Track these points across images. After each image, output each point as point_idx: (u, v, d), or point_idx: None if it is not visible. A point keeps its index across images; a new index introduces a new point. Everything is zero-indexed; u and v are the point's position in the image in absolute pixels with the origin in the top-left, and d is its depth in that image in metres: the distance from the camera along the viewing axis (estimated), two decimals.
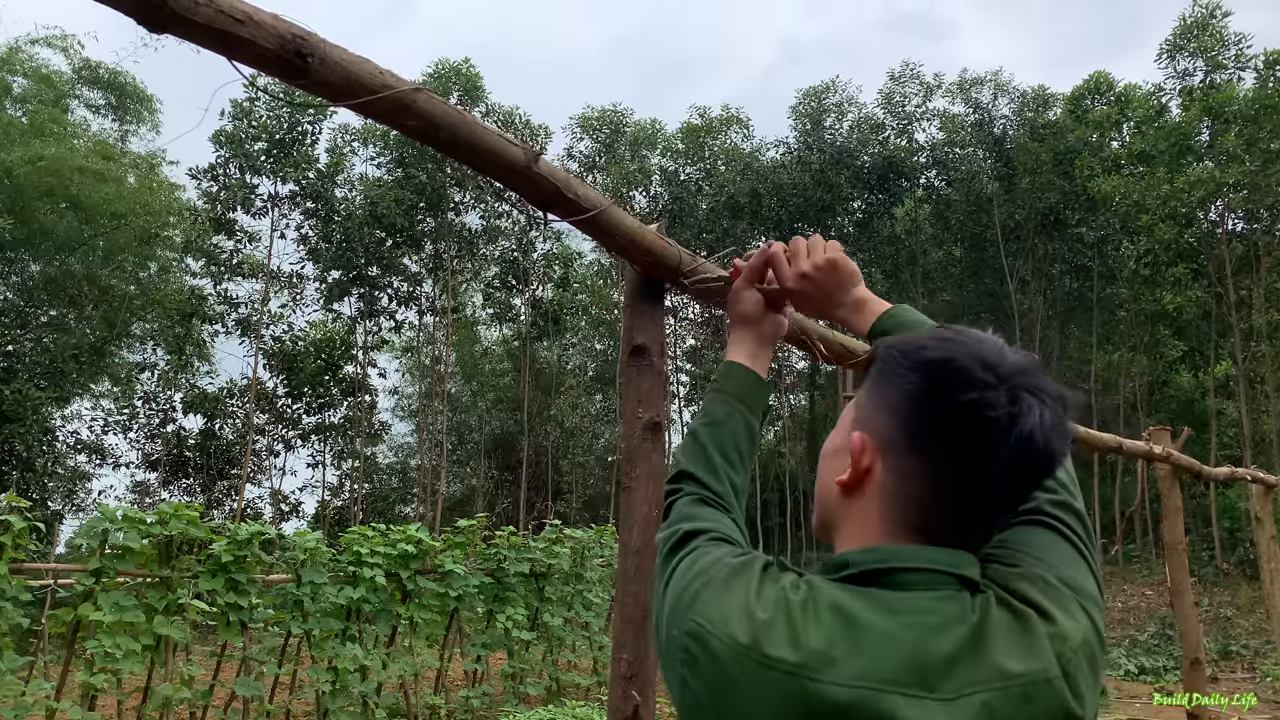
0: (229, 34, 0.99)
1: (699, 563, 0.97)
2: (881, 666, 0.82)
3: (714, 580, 0.92)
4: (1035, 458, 0.88)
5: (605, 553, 10.97)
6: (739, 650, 0.85)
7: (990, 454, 0.87)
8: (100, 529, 6.32)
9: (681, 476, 1.16)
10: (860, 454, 0.94)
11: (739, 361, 1.34)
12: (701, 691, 0.86)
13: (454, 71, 27.26)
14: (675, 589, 0.96)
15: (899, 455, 0.92)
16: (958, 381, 0.88)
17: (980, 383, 0.87)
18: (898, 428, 0.92)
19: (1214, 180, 21.58)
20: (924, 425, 0.90)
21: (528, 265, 30.45)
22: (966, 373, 0.88)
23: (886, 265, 31.14)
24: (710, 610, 0.89)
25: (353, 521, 25.42)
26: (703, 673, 0.86)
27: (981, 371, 0.88)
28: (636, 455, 1.84)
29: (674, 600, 0.94)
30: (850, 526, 0.95)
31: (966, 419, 0.87)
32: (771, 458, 34.03)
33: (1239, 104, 21.81)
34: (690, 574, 0.95)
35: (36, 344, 22.85)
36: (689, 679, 0.87)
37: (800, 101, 30.94)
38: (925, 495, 0.90)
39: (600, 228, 1.57)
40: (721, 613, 0.88)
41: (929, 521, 0.91)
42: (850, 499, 0.96)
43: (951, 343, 0.92)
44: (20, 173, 19.52)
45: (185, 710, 7.21)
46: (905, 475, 0.91)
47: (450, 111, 1.24)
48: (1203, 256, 23.79)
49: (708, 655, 0.86)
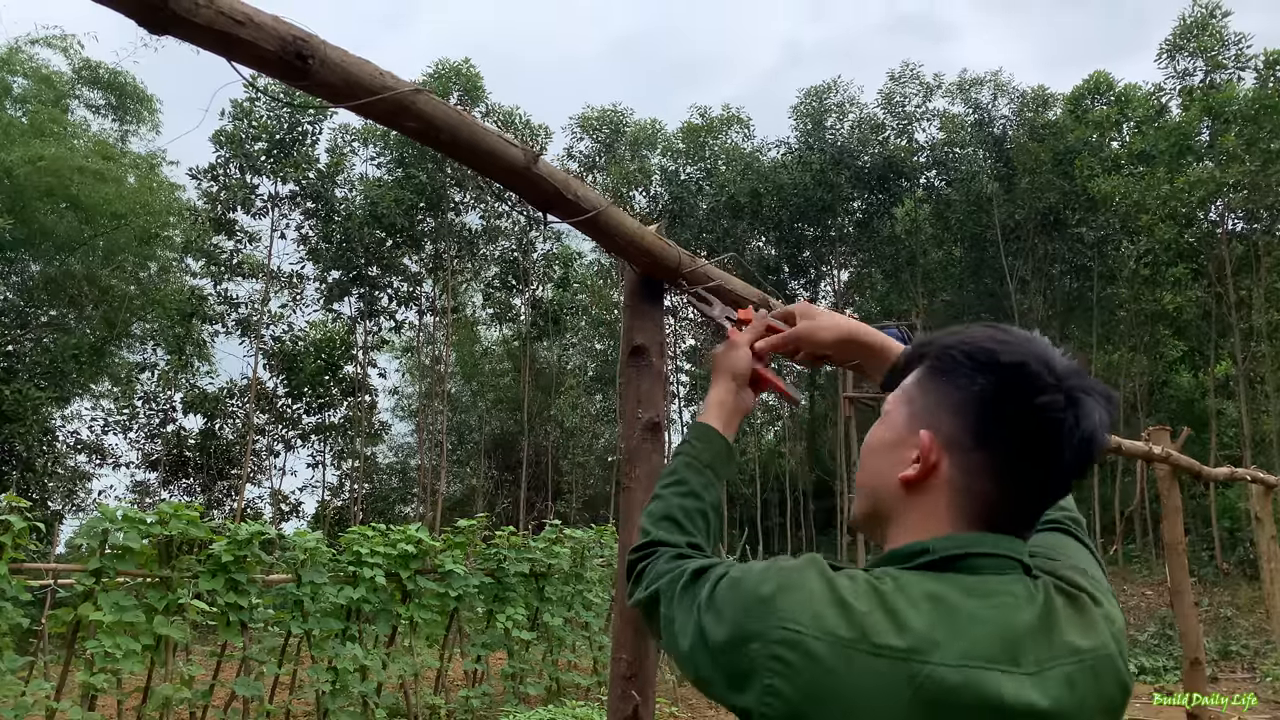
0: (229, 35, 0.99)
1: (747, 580, 0.95)
2: (979, 646, 0.86)
3: (784, 586, 0.92)
4: (1092, 454, 0.95)
5: (605, 553, 10.97)
6: (844, 644, 0.86)
7: (1056, 453, 0.93)
8: (100, 529, 6.32)
9: (654, 544, 1.16)
10: (929, 451, 0.97)
11: (715, 428, 1.31)
12: (800, 697, 0.86)
13: (454, 72, 27.26)
14: (731, 611, 0.94)
15: (965, 453, 0.96)
16: (1030, 386, 0.93)
17: (1049, 386, 0.93)
18: (963, 427, 0.96)
19: (1214, 180, 21.58)
20: (992, 426, 0.95)
21: (528, 265, 30.45)
22: (1037, 377, 0.93)
23: (886, 265, 31.14)
24: (798, 612, 0.88)
25: (353, 521, 25.42)
26: (800, 676, 0.86)
27: (1048, 376, 0.93)
28: (636, 455, 1.84)
29: (736, 620, 0.93)
30: (912, 519, 0.98)
31: (1036, 421, 0.93)
32: (771, 458, 34.03)
33: (1239, 104, 21.81)
34: (744, 591, 0.94)
35: (36, 344, 22.86)
36: (783, 687, 0.86)
37: (801, 101, 30.95)
38: (991, 490, 0.95)
39: (600, 228, 1.57)
40: (813, 612, 0.88)
41: (993, 514, 0.96)
42: (913, 494, 0.99)
43: (1012, 345, 0.96)
44: (20, 173, 19.52)
45: (185, 710, 7.20)
46: (972, 471, 0.95)
47: (450, 112, 1.24)
48: (1203, 256, 23.79)
49: (806, 657, 0.86)
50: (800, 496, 32.63)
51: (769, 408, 37.07)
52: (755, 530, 28.91)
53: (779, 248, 31.95)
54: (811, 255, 33.09)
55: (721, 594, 0.96)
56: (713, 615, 0.96)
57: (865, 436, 1.08)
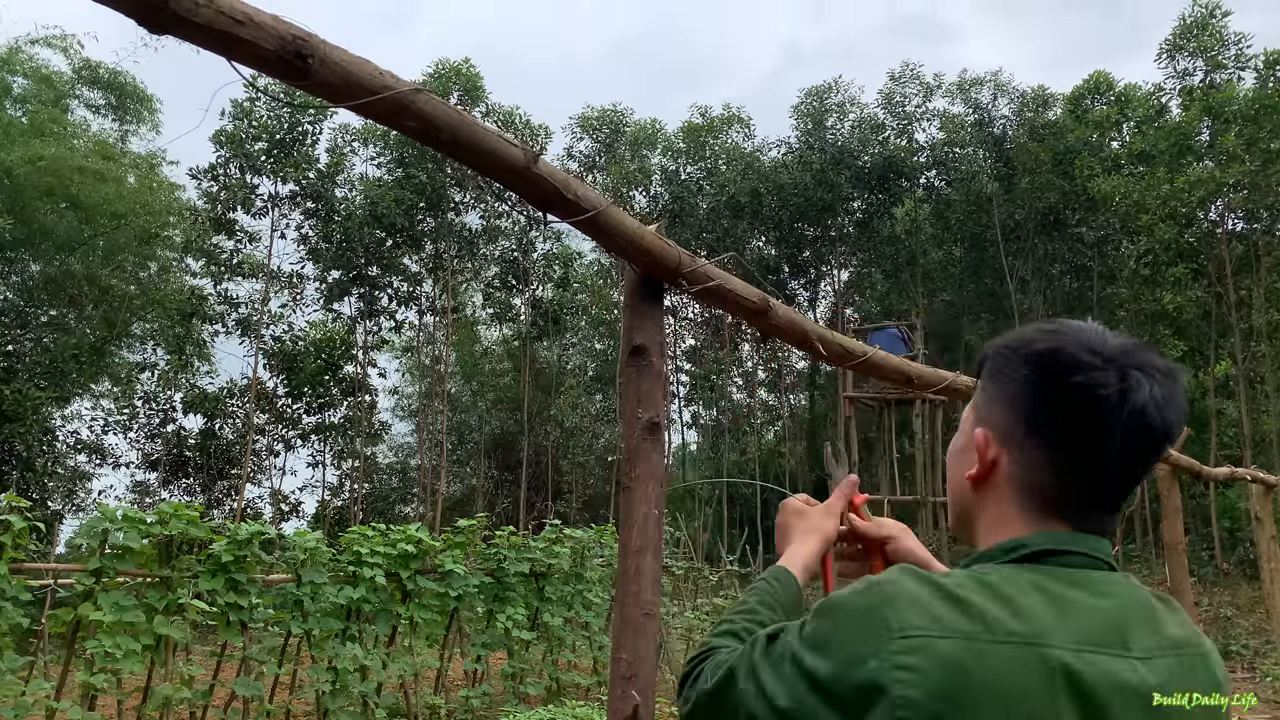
0: (229, 35, 0.99)
1: (845, 605, 0.94)
2: (1091, 632, 0.89)
3: (888, 598, 0.91)
4: (1149, 432, 0.94)
5: (605, 553, 10.97)
6: (968, 637, 0.87)
7: (1106, 433, 0.93)
8: (100, 529, 6.32)
9: (710, 648, 1.14)
10: (985, 448, 1.01)
11: (796, 576, 1.34)
12: (935, 699, 0.85)
13: (454, 72, 27.26)
14: (837, 639, 0.92)
15: (1019, 445, 0.99)
16: (1066, 365, 0.95)
17: (1087, 365, 0.94)
18: (1015, 418, 0.99)
19: (1214, 180, 21.58)
20: (1039, 411, 0.97)
21: (528, 265, 30.44)
22: (1073, 357, 0.95)
23: (886, 265, 31.14)
24: (913, 618, 0.88)
25: (353, 521, 25.42)
26: (931, 679, 0.85)
27: (1088, 355, 0.95)
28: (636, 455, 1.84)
29: (845, 644, 0.91)
30: (988, 516, 1.02)
31: (1079, 401, 0.94)
32: (771, 458, 34.03)
33: (1239, 104, 21.81)
34: (846, 616, 0.93)
35: (36, 344, 22.86)
36: (915, 696, 0.85)
37: (802, 101, 30.95)
38: (1050, 481, 0.97)
39: (600, 228, 1.57)
40: (930, 615, 0.88)
41: (1058, 505, 0.98)
42: (981, 492, 1.03)
43: (1055, 333, 0.99)
44: (20, 173, 19.52)
45: (185, 710, 7.20)
46: (1028, 464, 0.98)
47: (450, 112, 1.24)
48: (1203, 256, 23.79)
49: (935, 658, 0.86)
50: None
51: (768, 408, 37.08)
52: (755, 530, 28.91)
53: (779, 248, 31.96)
54: (811, 255, 33.10)
55: (819, 629, 0.94)
56: (814, 653, 0.93)
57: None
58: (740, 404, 33.50)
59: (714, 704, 1.03)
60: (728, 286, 1.88)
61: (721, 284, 1.85)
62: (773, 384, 35.83)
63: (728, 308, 1.96)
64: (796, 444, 33.59)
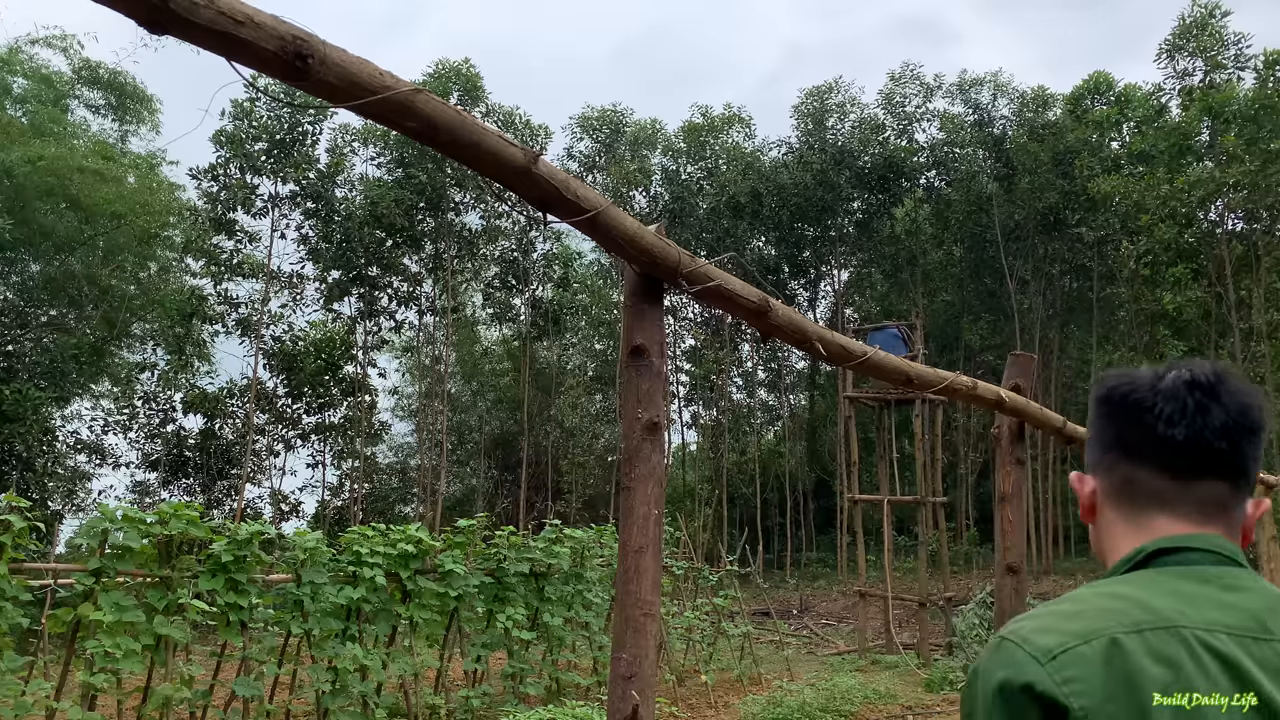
0: (230, 36, 0.99)
1: (982, 658, 1.03)
2: (1226, 617, 0.96)
3: (1015, 631, 0.99)
4: (1215, 425, 1.04)
5: (605, 553, 10.96)
6: (1105, 633, 0.94)
7: (1162, 437, 1.05)
8: (100, 529, 6.31)
9: None
10: (1079, 484, 1.15)
11: None
12: (1103, 697, 0.92)
13: (454, 72, 27.27)
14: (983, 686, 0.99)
15: (1106, 475, 1.12)
16: (1123, 393, 1.10)
17: (1141, 389, 1.09)
18: (1098, 449, 1.13)
19: (1214, 180, 21.58)
20: (1110, 440, 1.11)
21: (528, 265, 30.44)
22: (1129, 385, 1.10)
23: (886, 265, 31.14)
24: (1048, 638, 0.96)
25: (353, 521, 25.42)
26: (1093, 681, 0.93)
27: (1144, 386, 1.09)
28: (636, 455, 1.84)
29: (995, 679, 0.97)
30: (1104, 540, 1.14)
31: (1137, 421, 1.07)
32: (771, 458, 34.02)
33: (1239, 104, 21.81)
34: (984, 661, 1.01)
35: (36, 344, 22.86)
36: (1087, 704, 0.91)
37: (802, 101, 30.95)
38: (1131, 490, 1.09)
39: (600, 228, 1.57)
40: (1062, 631, 0.96)
41: (1146, 514, 1.08)
42: (1095, 523, 1.15)
43: (1120, 374, 1.14)
44: (20, 173, 19.52)
45: (185, 710, 7.20)
46: (1113, 490, 1.11)
47: (450, 113, 1.24)
48: (1203, 256, 23.79)
49: (1086, 661, 0.94)
50: (800, 497, 32.62)
51: (768, 408, 37.08)
52: (755, 530, 28.90)
53: (779, 247, 31.95)
54: (811, 255, 33.10)
55: (973, 685, 1.00)
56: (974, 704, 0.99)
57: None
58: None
59: None
60: (728, 286, 1.88)
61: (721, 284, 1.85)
62: (773, 384, 35.84)
63: (728, 308, 1.96)
64: (796, 444, 33.59)
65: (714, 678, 11.35)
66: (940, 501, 16.62)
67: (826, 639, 18.27)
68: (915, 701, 10.87)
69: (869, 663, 14.01)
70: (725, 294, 1.90)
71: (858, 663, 13.96)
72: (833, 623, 20.64)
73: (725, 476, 31.20)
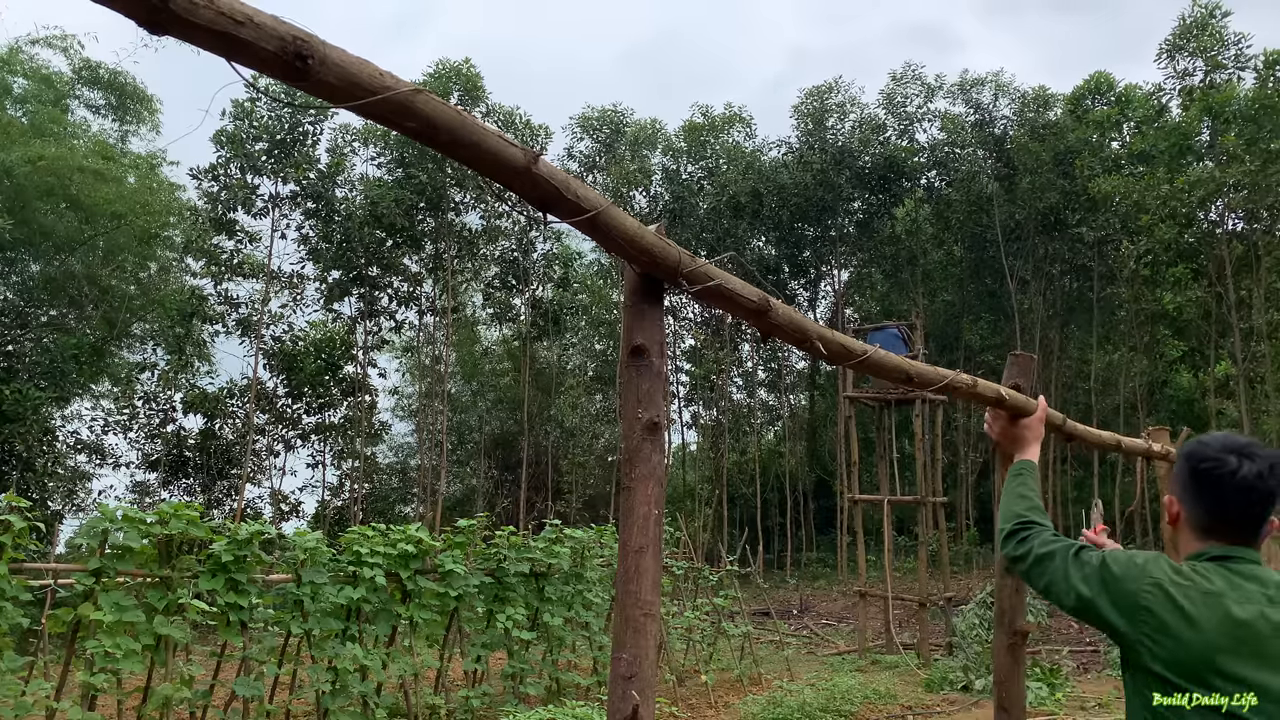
0: (230, 36, 0.99)
1: (1129, 558, 1.86)
2: (1253, 596, 1.74)
3: (1149, 559, 1.84)
4: (1254, 492, 1.79)
5: (605, 553, 10.96)
6: (1183, 586, 1.77)
7: (1223, 494, 1.81)
8: (100, 529, 6.31)
9: (1030, 522, 2.13)
10: (1172, 506, 1.91)
11: (1034, 462, 2.47)
12: (1164, 612, 1.75)
13: (454, 72, 27.26)
14: (1123, 570, 1.83)
15: (1188, 506, 1.87)
16: (1202, 456, 1.84)
17: (1215, 453, 1.82)
18: (1180, 489, 1.89)
19: (1214, 180, 21.57)
20: (1190, 487, 1.86)
21: (528, 265, 30.44)
22: (1207, 448, 1.84)
23: (886, 265, 31.13)
24: (1158, 573, 1.80)
25: (353, 521, 25.42)
26: (1161, 602, 1.76)
27: (1217, 449, 1.82)
28: (636, 455, 1.84)
29: (1128, 575, 1.82)
30: (1181, 541, 1.90)
31: (1209, 475, 1.82)
32: (771, 458, 34.01)
33: (1239, 104, 21.79)
34: (1130, 563, 1.84)
35: (36, 344, 22.84)
36: (1153, 605, 1.76)
37: (802, 101, 30.92)
38: (1203, 521, 1.85)
39: (600, 228, 1.57)
40: (1165, 574, 1.79)
41: (1210, 535, 1.84)
42: (1177, 529, 1.91)
43: (1199, 439, 1.89)
44: (20, 173, 19.51)
45: (185, 710, 7.20)
46: (1193, 520, 1.87)
47: (450, 113, 1.24)
48: (1203, 256, 23.78)
49: (1165, 593, 1.76)
50: (800, 497, 32.61)
51: (768, 408, 37.07)
52: (755, 530, 28.90)
53: (779, 248, 31.93)
54: (812, 255, 33.08)
55: (1115, 561, 1.85)
56: (1111, 570, 1.84)
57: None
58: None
59: (1038, 564, 2.00)
60: (728, 286, 1.88)
61: (721, 283, 1.85)
62: (773, 384, 35.84)
63: (728, 307, 1.96)
64: (796, 444, 33.58)
65: (714, 678, 11.35)
66: (940, 501, 16.63)
67: (826, 639, 18.27)
68: (915, 701, 10.87)
69: (869, 663, 14.01)
70: (725, 294, 1.90)
71: (858, 663, 13.96)
72: (833, 623, 20.64)
73: (725, 476, 31.20)
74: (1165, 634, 1.73)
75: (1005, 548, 2.12)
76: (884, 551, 16.19)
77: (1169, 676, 1.73)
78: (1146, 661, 1.76)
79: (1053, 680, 11.33)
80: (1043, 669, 11.72)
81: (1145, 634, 1.75)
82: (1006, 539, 2.12)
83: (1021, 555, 2.04)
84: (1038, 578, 1.98)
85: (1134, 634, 1.77)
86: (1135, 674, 1.80)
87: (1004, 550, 2.13)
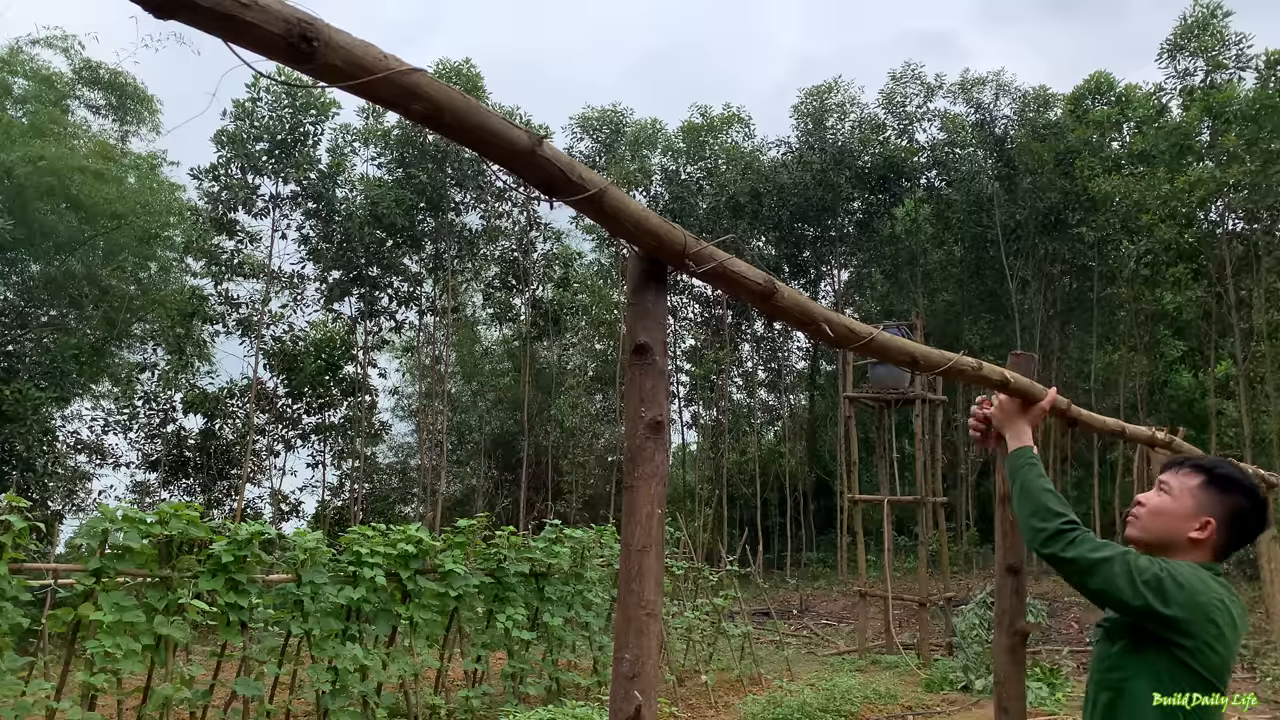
0: (235, 18, 0.99)
1: (1184, 570, 2.04)
2: (1235, 598, 2.05)
3: (1188, 568, 2.05)
4: (1260, 529, 2.17)
5: (605, 553, 10.95)
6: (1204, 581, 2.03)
7: (1252, 530, 2.17)
8: (100, 529, 6.30)
9: (1075, 522, 2.17)
10: (1208, 527, 2.12)
11: (1034, 449, 2.50)
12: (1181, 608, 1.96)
13: (454, 71, 27.28)
14: (1185, 579, 2.00)
15: (1219, 530, 2.12)
16: (1250, 504, 2.15)
17: (1250, 499, 2.15)
18: (1228, 519, 2.13)
19: (1214, 180, 21.56)
20: (1239, 523, 2.15)
21: (528, 265, 30.44)
22: (1252, 496, 2.15)
23: (886, 265, 31.12)
24: (1190, 577, 2.01)
25: (353, 521, 25.40)
26: (1182, 597, 1.96)
27: (1258, 519, 2.16)
28: (639, 454, 1.83)
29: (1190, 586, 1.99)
30: (1192, 554, 2.12)
31: (1250, 519, 2.15)
32: (771, 458, 34.00)
33: (1239, 104, 21.78)
34: (1187, 574, 2.02)
35: (36, 344, 22.82)
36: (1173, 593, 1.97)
37: (802, 101, 30.91)
38: (1225, 544, 2.15)
39: (605, 210, 1.56)
40: (1198, 578, 2.03)
41: (1222, 553, 2.14)
42: (1194, 543, 2.13)
43: (1244, 484, 2.17)
44: (20, 173, 19.49)
45: (185, 710, 7.19)
46: (1220, 541, 2.14)
47: (454, 95, 1.23)
48: (1203, 256, 23.77)
49: (1189, 587, 1.98)
50: (800, 497, 32.60)
51: (768, 408, 37.06)
52: (755, 530, 28.89)
53: (779, 248, 31.93)
54: (811, 255, 33.08)
55: (1178, 571, 2.01)
56: (1177, 580, 1.98)
57: (1151, 503, 2.25)
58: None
59: (1093, 568, 2.04)
60: (733, 268, 1.87)
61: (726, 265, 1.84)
62: (773, 384, 35.83)
63: (733, 290, 1.95)
64: (796, 444, 33.57)
65: (714, 678, 11.34)
66: (940, 501, 16.62)
67: (826, 639, 18.26)
68: (915, 702, 10.86)
69: (869, 663, 14.01)
70: (731, 275, 1.90)
71: (858, 663, 13.96)
72: (833, 623, 20.63)
73: (725, 476, 31.18)
74: (1221, 642, 1.94)
75: (1052, 547, 2.11)
76: (884, 551, 16.18)
77: (1212, 679, 1.93)
78: (1197, 666, 1.93)
79: (1053, 680, 11.32)
80: (1043, 669, 11.72)
81: (1206, 642, 1.92)
82: (1053, 538, 2.11)
83: (1073, 558, 2.06)
84: (1091, 580, 2.02)
85: (1194, 642, 1.92)
86: (1175, 674, 1.95)
87: (1049, 549, 2.11)
